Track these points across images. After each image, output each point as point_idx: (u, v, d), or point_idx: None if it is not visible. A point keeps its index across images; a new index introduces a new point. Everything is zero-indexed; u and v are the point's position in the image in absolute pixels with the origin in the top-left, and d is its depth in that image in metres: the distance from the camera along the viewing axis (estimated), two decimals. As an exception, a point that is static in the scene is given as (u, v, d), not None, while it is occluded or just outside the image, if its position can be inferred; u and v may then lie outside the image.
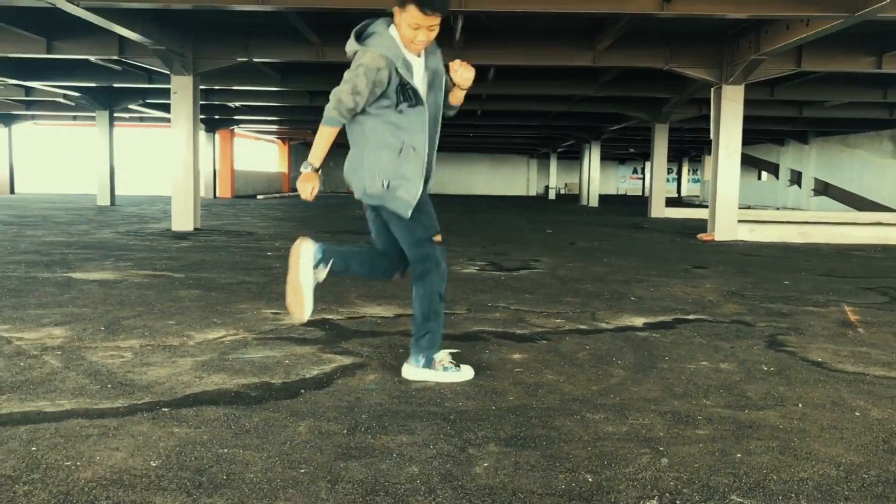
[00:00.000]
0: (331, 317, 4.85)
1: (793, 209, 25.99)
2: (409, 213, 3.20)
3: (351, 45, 3.18)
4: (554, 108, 17.87)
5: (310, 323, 4.63)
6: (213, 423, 2.75)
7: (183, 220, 11.75)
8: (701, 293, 6.21)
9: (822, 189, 25.55)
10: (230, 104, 19.97)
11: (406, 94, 3.14)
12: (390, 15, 3.19)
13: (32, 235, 10.23)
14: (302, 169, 3.22)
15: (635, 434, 2.72)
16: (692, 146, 33.28)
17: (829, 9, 7.87)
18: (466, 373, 3.39)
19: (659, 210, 18.60)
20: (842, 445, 2.64)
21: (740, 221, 11.98)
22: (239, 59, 11.55)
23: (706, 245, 11.06)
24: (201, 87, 12.95)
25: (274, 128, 29.03)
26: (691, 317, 5.11)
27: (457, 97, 3.42)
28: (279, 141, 35.33)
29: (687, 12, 8.14)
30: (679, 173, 40.30)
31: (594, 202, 25.72)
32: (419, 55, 3.23)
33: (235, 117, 23.23)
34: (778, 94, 14.56)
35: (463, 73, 3.31)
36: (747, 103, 11.97)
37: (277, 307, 5.14)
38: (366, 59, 3.08)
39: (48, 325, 4.39)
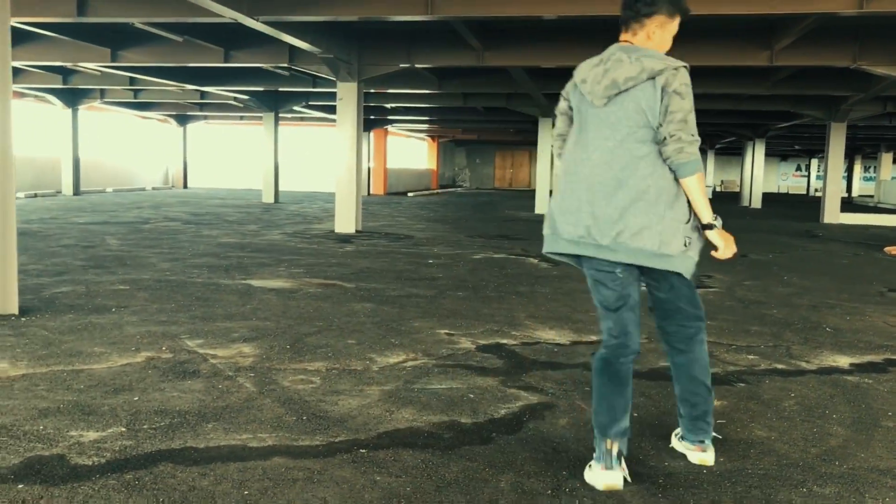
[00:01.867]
0: (504, 341, 4.75)
1: None
2: (691, 272, 2.69)
3: (648, 62, 2.57)
4: (719, 107, 16.94)
5: (485, 348, 4.57)
6: (413, 472, 2.69)
7: (345, 222, 12.10)
8: (907, 325, 5.60)
9: None
10: (386, 105, 20.44)
11: None
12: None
13: (209, 236, 10.86)
14: (713, 232, 2.63)
15: (879, 519, 2.41)
16: (866, 143, 30.72)
17: None
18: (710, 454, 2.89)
19: (833, 215, 17.23)
20: None
21: (936, 234, 10.83)
22: (402, 66, 11.73)
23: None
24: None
25: (425, 126, 29.51)
26: (904, 357, 4.59)
27: None
28: (429, 139, 35.90)
29: (889, 9, 7.39)
30: (850, 171, 37.33)
31: (757, 203, 24.24)
32: None
33: (390, 117, 23.78)
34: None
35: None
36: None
37: (450, 326, 5.11)
38: (687, 77, 2.58)
39: (238, 342, 4.55)
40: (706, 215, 2.61)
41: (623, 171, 2.59)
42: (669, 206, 2.59)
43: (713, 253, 2.67)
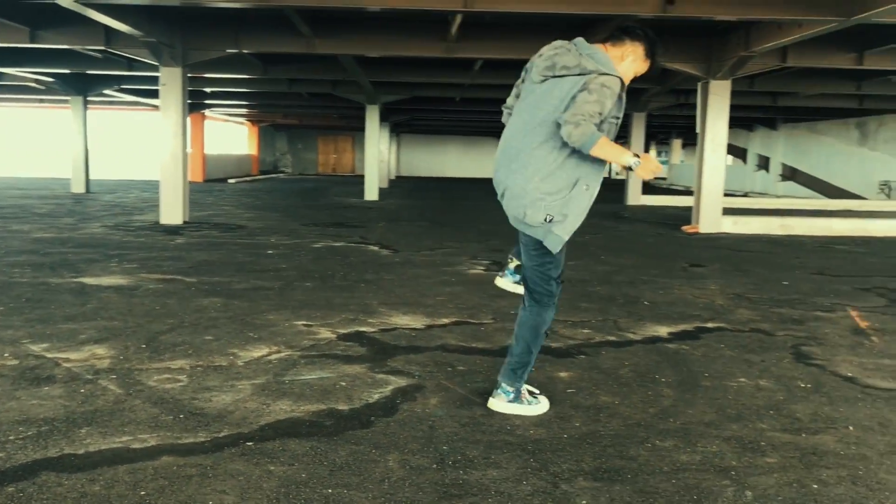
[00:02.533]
0: (363, 329, 4.92)
1: (760, 193, 26.57)
2: (557, 249, 3.13)
3: (587, 62, 2.99)
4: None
5: (346, 337, 4.71)
6: (304, 459, 2.82)
7: (172, 213, 11.63)
8: (709, 296, 6.40)
9: (790, 174, 26.12)
10: (205, 89, 19.67)
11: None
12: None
13: (20, 231, 10.05)
14: (632, 164, 2.98)
15: (710, 464, 2.86)
16: (660, 130, 33.70)
17: (825, 12, 8.06)
18: (545, 404, 3.40)
19: (636, 198, 18.87)
20: (904, 473, 2.81)
21: (724, 214, 12.25)
22: (229, 51, 11.42)
23: (693, 238, 11.31)
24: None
25: (244, 111, 28.65)
26: (710, 325, 5.28)
27: None
28: (248, 123, 34.87)
29: (687, 15, 8.28)
30: (647, 156, 40.69)
31: (568, 187, 25.93)
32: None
33: (207, 101, 22.89)
34: (758, 85, 14.83)
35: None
36: (727, 95, 12.20)
37: (306, 318, 5.19)
38: (609, 81, 2.94)
39: (88, 343, 4.38)
40: (623, 161, 2.99)
41: (522, 142, 3.08)
42: (542, 180, 3.04)
43: (639, 173, 3.03)
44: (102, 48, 11.37)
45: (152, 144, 24.38)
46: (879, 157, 21.58)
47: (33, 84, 18.05)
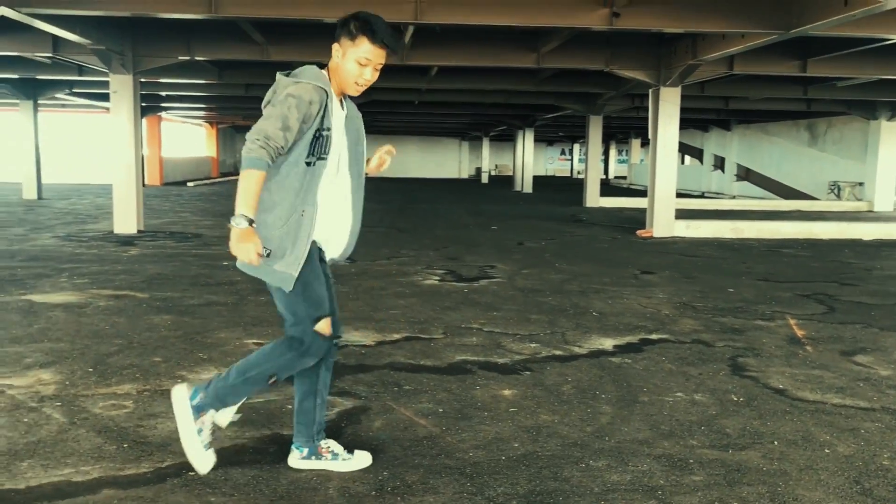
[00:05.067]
0: (314, 346, 4.95)
1: (717, 193, 27.10)
2: (290, 286, 2.76)
3: (278, 81, 2.79)
4: (492, 101, 18.12)
5: (296, 355, 4.74)
6: (245, 489, 2.87)
7: (126, 222, 11.50)
8: (656, 305, 6.56)
9: (744, 174, 26.69)
10: (160, 93, 19.44)
11: (320, 143, 2.72)
12: (333, 26, 2.86)
13: (-32, 243, 9.87)
14: (232, 224, 2.60)
15: (639, 483, 2.97)
16: (619, 130, 34.17)
17: (764, 25, 8.31)
18: (362, 460, 3.09)
19: (594, 199, 19.13)
20: (821, 489, 2.96)
21: (677, 218, 12.51)
22: (181, 58, 11.33)
23: (647, 243, 11.54)
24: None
25: (202, 112, 28.36)
26: (654, 336, 5.43)
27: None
28: (207, 125, 34.51)
29: (634, 27, 8.47)
30: (606, 155, 41.29)
31: (528, 187, 26.16)
32: (342, 106, 2.91)
33: (163, 104, 22.62)
34: (708, 90, 15.15)
35: (385, 166, 3.19)
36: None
37: (257, 335, 5.22)
38: (296, 89, 2.67)
39: (33, 368, 4.36)
40: (236, 209, 2.61)
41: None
42: (265, 212, 2.72)
43: (231, 241, 2.63)
44: (50, 55, 11.21)
45: (106, 147, 24.04)
46: (828, 158, 22.17)
47: (-20, 88, 17.67)
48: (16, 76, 15.11)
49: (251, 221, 2.61)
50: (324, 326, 2.86)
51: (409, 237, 11.56)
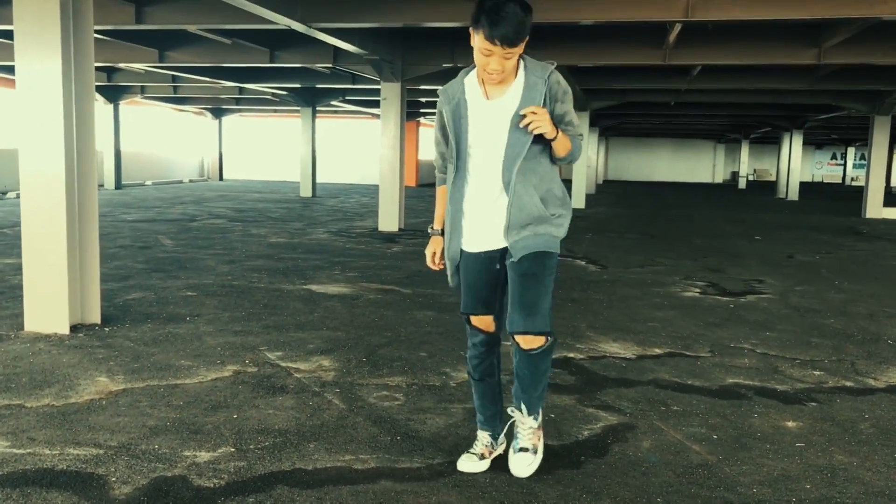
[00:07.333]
0: (572, 355, 4.86)
1: None
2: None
3: None
4: (757, 101, 16.85)
5: (555, 363, 4.67)
6: (513, 496, 2.83)
7: (389, 220, 12.25)
8: (968, 337, 5.62)
9: None
10: (420, 99, 20.55)
11: (447, 142, 2.87)
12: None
13: (257, 235, 11.07)
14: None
15: (973, 553, 2.50)
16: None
17: None
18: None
19: (876, 210, 17.05)
20: None
21: None
22: (444, 65, 11.81)
23: (945, 261, 10.02)
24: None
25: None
26: (970, 373, 4.64)
27: (554, 148, 2.78)
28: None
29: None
30: (889, 160, 36.71)
31: (794, 195, 23.96)
32: (486, 96, 2.76)
33: (422, 110, 23.90)
34: None
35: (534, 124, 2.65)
36: None
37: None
38: (440, 94, 2.87)
39: (315, 354, 4.71)
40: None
41: None
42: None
43: None
44: (331, 65, 12.24)
45: (370, 151, 25.92)
46: None
47: (270, 97, 19.87)
48: (299, 85, 16.75)
49: (437, 231, 3.13)
50: (475, 319, 3.24)
51: (663, 244, 11.06)
